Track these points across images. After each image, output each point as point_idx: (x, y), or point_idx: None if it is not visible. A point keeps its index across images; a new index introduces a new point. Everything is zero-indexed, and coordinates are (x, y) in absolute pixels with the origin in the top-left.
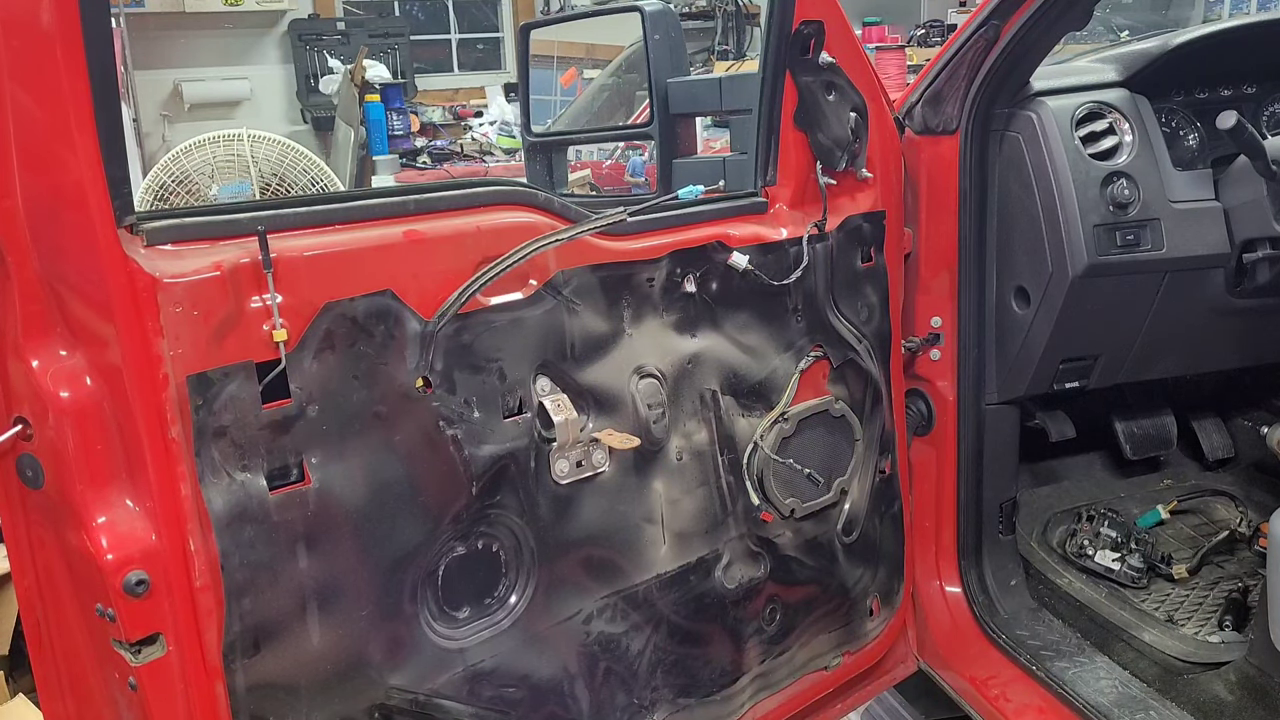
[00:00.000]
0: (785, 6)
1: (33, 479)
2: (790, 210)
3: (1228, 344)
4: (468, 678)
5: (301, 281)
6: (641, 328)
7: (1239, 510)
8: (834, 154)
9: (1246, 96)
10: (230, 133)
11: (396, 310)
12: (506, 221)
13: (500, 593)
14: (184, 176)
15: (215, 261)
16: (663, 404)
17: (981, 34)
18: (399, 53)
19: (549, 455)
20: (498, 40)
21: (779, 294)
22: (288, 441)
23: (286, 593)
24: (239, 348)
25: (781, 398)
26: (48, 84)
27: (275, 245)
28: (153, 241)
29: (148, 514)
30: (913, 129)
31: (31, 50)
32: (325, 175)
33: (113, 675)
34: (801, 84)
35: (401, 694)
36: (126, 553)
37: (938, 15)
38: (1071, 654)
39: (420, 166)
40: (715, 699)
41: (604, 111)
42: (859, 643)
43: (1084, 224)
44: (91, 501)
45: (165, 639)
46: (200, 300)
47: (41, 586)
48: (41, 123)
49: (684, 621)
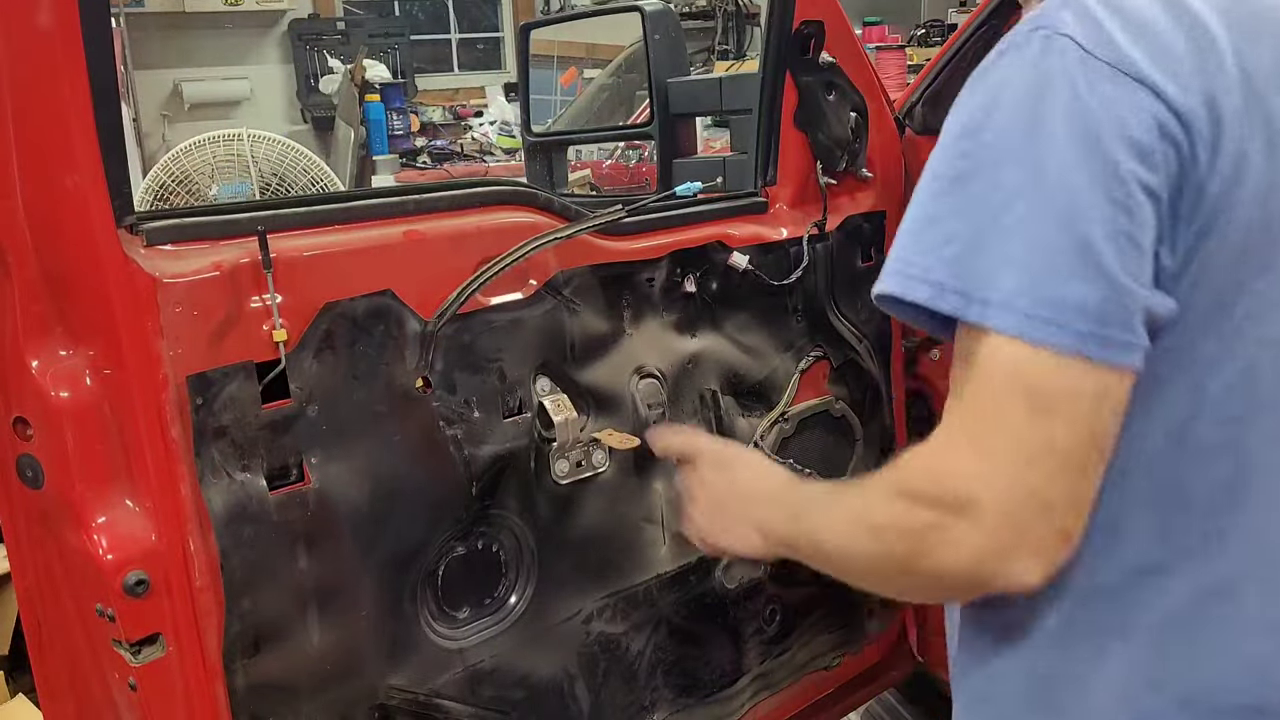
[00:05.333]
0: (785, 6)
1: (33, 479)
2: (790, 210)
3: None
4: (468, 678)
5: (301, 281)
6: (641, 328)
7: None
8: (834, 154)
9: None
10: (230, 133)
11: (396, 310)
12: (506, 221)
13: (500, 593)
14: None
15: (215, 262)
16: (663, 404)
17: (981, 34)
18: (399, 52)
19: (549, 455)
20: (498, 40)
21: (779, 294)
22: (288, 441)
23: (286, 593)
24: (239, 348)
25: (782, 398)
26: (47, 84)
27: (275, 245)
28: (152, 241)
29: (147, 514)
30: (913, 129)
31: (31, 50)
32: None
33: (112, 675)
34: (801, 84)
35: (401, 694)
36: (126, 553)
37: (938, 15)
38: None
39: (420, 166)
40: (715, 699)
41: (604, 111)
42: (859, 643)
43: None
44: (91, 502)
45: (165, 639)
46: (200, 300)
47: (41, 586)
48: (41, 122)
49: (684, 622)
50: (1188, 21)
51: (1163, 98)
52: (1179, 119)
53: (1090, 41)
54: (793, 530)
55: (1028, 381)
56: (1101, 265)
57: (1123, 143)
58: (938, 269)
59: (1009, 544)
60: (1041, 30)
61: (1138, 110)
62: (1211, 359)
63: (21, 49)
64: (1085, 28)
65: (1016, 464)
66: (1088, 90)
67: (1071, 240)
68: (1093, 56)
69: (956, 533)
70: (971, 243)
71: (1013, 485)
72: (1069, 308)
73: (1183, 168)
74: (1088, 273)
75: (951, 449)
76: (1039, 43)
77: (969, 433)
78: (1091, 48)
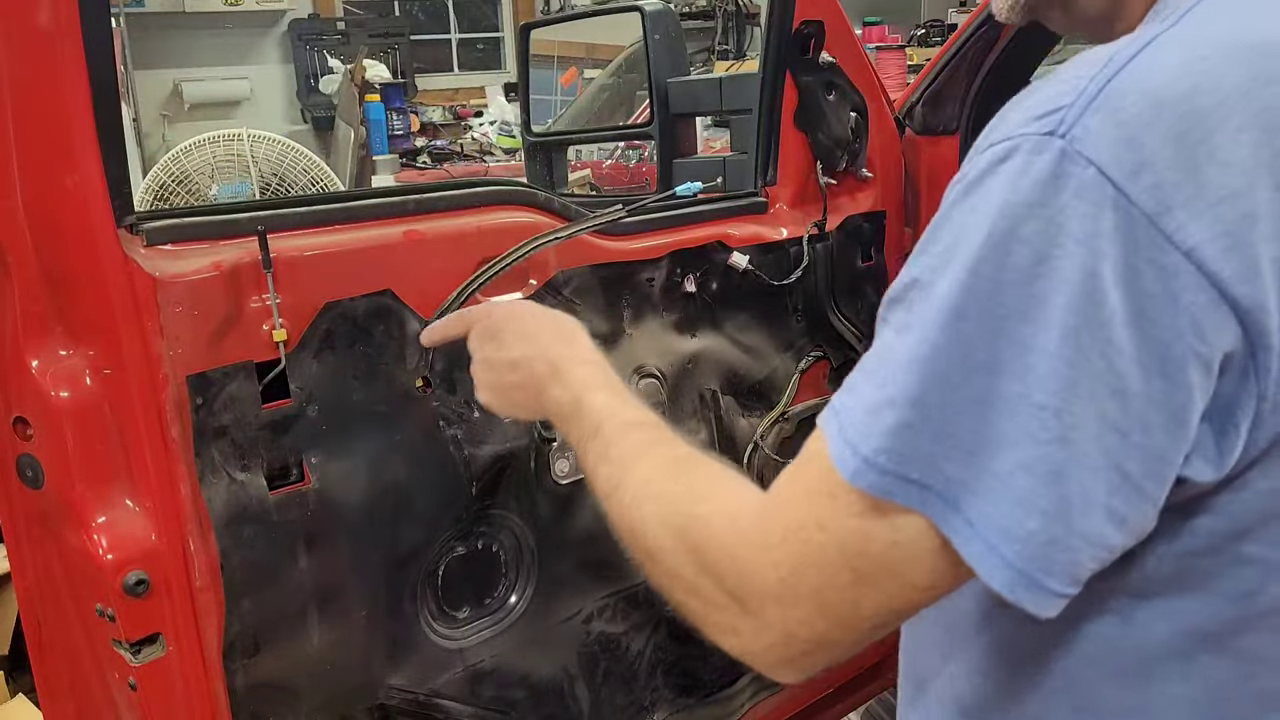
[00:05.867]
0: (785, 6)
1: (33, 479)
2: (790, 210)
3: None
4: (468, 678)
5: (301, 281)
6: (641, 327)
7: None
8: (834, 154)
9: None
10: (230, 132)
11: (396, 310)
12: (506, 221)
13: (500, 593)
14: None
15: (215, 261)
16: (663, 404)
17: (981, 34)
18: (399, 52)
19: (549, 455)
20: (498, 40)
21: (779, 294)
22: (287, 441)
23: (286, 593)
24: (239, 348)
25: (782, 398)
26: (48, 83)
27: (275, 245)
28: (152, 241)
29: (147, 514)
30: (913, 129)
31: (31, 49)
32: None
33: (112, 675)
34: (801, 84)
35: (401, 694)
36: (126, 553)
37: (938, 15)
38: None
39: (420, 166)
40: (715, 699)
41: (604, 111)
42: None
43: None
44: (91, 501)
45: (165, 639)
46: (200, 300)
47: (41, 586)
48: (41, 122)
49: (684, 622)
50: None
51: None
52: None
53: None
54: (591, 460)
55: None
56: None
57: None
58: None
59: (777, 662)
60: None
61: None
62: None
63: (22, 49)
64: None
65: (823, 618)
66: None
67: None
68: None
69: (736, 623)
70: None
71: (811, 633)
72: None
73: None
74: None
75: (769, 563)
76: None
77: (793, 570)
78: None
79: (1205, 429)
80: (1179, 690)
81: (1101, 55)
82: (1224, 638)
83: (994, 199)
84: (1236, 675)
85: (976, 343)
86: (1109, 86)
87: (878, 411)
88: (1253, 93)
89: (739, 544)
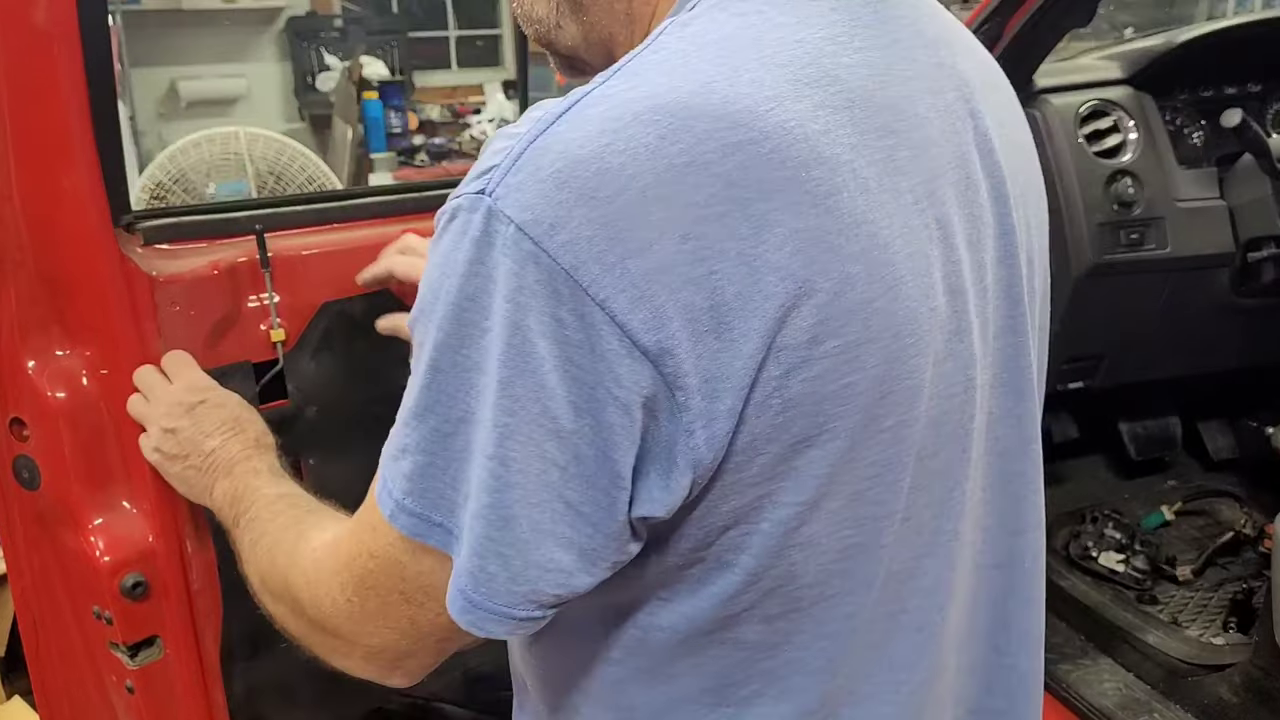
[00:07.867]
0: None
1: (29, 480)
2: None
3: (1232, 344)
4: (467, 680)
5: (299, 281)
6: None
7: (1244, 511)
8: None
9: (1251, 94)
10: (227, 131)
11: (395, 310)
12: None
13: None
14: (181, 175)
15: (212, 261)
16: None
17: (984, 32)
18: (397, 50)
19: None
20: (496, 37)
21: None
22: (285, 442)
23: None
24: (236, 347)
25: None
26: (44, 82)
27: (273, 244)
28: (150, 240)
29: (145, 516)
30: None
31: (28, 48)
32: (323, 173)
33: (109, 678)
34: None
35: (400, 697)
36: (123, 555)
37: None
38: (1075, 656)
39: (418, 164)
40: None
41: None
42: None
43: (1088, 222)
44: (88, 503)
45: (162, 642)
46: (197, 300)
47: (38, 588)
48: (38, 121)
49: None
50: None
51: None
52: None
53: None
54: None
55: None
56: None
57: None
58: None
59: (377, 672)
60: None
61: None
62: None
63: (19, 47)
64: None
65: (392, 632)
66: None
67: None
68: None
69: (331, 643)
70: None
71: (387, 643)
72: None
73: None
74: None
75: (337, 585)
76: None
77: (356, 591)
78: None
79: (652, 467)
80: (693, 681)
81: (539, 113)
82: (721, 632)
83: (447, 257)
84: (738, 661)
85: (455, 396)
86: (533, 145)
87: (399, 458)
88: (660, 151)
89: (316, 573)
